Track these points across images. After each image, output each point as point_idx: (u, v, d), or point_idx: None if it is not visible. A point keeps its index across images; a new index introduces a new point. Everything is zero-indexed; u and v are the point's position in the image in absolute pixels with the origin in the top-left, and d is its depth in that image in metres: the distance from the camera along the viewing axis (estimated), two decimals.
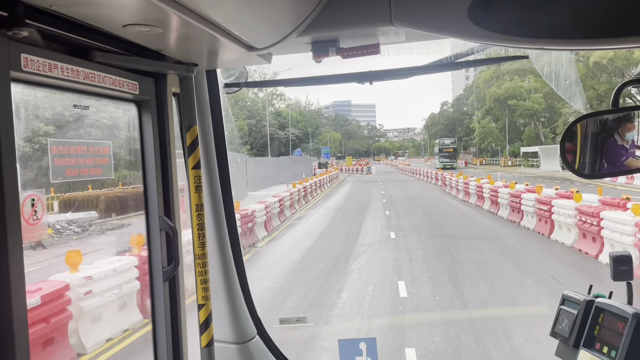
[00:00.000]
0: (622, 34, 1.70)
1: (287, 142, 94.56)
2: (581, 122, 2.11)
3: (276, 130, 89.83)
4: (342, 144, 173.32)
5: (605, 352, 2.22)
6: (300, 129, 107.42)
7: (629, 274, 2.42)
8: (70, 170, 2.15)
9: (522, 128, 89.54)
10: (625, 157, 2.10)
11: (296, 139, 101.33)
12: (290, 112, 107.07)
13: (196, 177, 2.56)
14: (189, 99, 2.52)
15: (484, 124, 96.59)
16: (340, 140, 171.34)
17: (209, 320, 2.61)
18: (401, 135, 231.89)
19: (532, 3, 1.76)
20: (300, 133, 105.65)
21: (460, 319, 10.52)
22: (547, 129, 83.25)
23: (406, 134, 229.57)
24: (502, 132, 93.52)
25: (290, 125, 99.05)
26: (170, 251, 2.41)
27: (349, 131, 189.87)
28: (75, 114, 5.10)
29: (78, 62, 1.81)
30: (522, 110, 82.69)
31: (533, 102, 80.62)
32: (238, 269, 3.02)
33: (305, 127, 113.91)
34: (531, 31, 1.77)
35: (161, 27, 1.77)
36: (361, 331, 10.04)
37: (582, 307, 2.38)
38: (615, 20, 1.70)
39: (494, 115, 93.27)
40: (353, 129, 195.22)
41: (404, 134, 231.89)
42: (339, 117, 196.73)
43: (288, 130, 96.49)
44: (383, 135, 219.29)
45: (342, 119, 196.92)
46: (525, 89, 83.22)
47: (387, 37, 2.19)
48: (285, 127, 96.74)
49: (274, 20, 2.00)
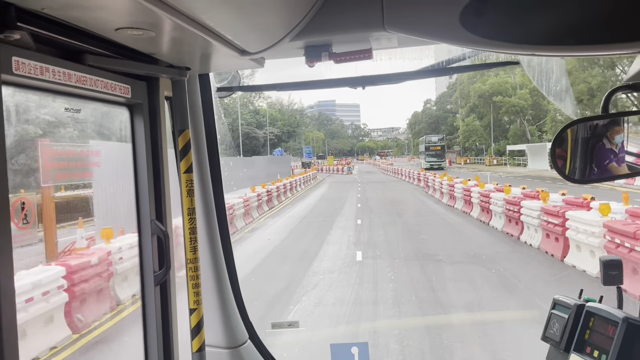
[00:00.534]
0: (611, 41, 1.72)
1: (265, 141, 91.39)
2: (571, 128, 2.13)
3: (254, 129, 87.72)
4: (326, 143, 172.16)
5: (596, 356, 2.24)
6: (279, 127, 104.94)
7: (619, 279, 2.44)
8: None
9: (508, 126, 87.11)
10: (615, 162, 2.12)
11: (275, 138, 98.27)
12: (269, 110, 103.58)
13: (188, 181, 2.56)
14: (182, 103, 2.51)
15: (468, 121, 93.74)
16: (323, 139, 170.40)
17: (201, 324, 2.60)
18: (385, 134, 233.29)
19: (522, 9, 1.78)
20: (279, 132, 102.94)
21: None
22: (534, 126, 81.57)
23: (390, 133, 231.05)
24: (486, 130, 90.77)
25: (268, 123, 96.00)
26: (161, 255, 2.40)
27: (333, 131, 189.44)
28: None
29: (70, 65, 1.81)
30: (507, 107, 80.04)
31: (519, 98, 78.21)
32: (230, 273, 3.01)
33: (285, 125, 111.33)
34: (522, 37, 1.79)
35: (154, 30, 1.77)
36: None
37: (573, 312, 2.40)
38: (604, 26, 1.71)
39: (478, 113, 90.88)
40: (337, 129, 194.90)
41: (388, 133, 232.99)
42: (322, 116, 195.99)
43: (266, 129, 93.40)
44: (367, 134, 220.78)
45: (325, 118, 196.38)
46: (511, 85, 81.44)
47: (380, 42, 2.20)
48: (265, 125, 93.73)
49: (267, 25, 2.00)
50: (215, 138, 2.89)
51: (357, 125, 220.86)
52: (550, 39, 1.76)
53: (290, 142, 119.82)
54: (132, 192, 2.37)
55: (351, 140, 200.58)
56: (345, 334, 9.83)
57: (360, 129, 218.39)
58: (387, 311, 10.91)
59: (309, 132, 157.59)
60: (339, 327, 10.12)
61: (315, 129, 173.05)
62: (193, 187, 2.58)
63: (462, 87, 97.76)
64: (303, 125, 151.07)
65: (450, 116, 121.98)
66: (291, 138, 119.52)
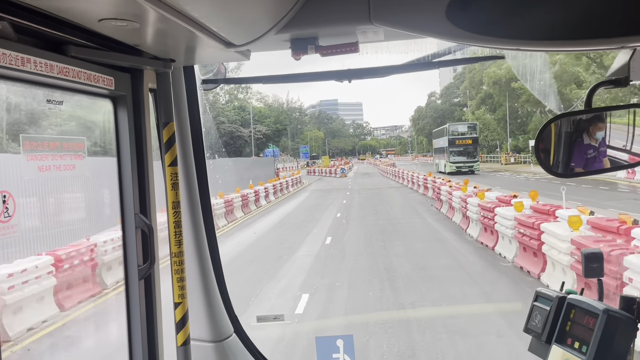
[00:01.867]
0: (595, 36, 1.74)
1: (257, 140, 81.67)
2: (555, 122, 2.16)
3: (238, 128, 78.12)
4: (326, 142, 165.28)
5: (577, 348, 2.27)
6: (267, 125, 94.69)
7: (600, 271, 2.48)
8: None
9: (525, 118, 73.56)
10: (597, 156, 2.15)
11: (263, 137, 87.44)
12: (257, 106, 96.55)
13: (173, 174, 2.54)
14: (166, 95, 2.49)
15: (479, 115, 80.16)
16: (323, 138, 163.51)
17: (185, 318, 2.59)
18: (388, 133, 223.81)
19: (508, 4, 1.79)
20: (267, 130, 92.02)
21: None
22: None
23: (393, 131, 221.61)
24: (500, 123, 77.33)
25: (254, 121, 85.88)
26: (146, 249, 2.39)
27: (334, 129, 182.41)
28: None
29: (52, 56, 1.78)
30: (528, 94, 60.97)
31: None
32: (215, 267, 3.00)
33: (274, 123, 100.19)
34: (507, 32, 1.80)
35: (138, 22, 1.75)
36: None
37: (555, 304, 2.43)
38: (588, 22, 1.74)
39: (490, 105, 78.01)
40: (337, 127, 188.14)
41: (391, 131, 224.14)
42: (322, 114, 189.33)
43: (255, 127, 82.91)
44: (369, 133, 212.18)
45: (325, 116, 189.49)
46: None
47: (366, 35, 2.20)
48: (252, 123, 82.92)
49: (253, 17, 1.99)
50: (200, 131, 2.87)
51: (359, 124, 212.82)
52: (535, 34, 1.78)
53: (283, 140, 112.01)
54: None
55: (353, 139, 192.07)
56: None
57: (362, 128, 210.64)
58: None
59: (308, 131, 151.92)
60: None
61: (315, 128, 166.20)
62: (178, 181, 2.57)
63: (472, 75, 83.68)
64: (301, 124, 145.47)
65: (458, 109, 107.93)
66: (282, 137, 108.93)
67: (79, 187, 15.22)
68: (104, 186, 15.95)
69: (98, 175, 12.67)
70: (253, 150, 77.76)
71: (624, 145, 2.22)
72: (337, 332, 9.48)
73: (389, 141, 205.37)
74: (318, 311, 11.43)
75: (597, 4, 1.73)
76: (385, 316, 10.95)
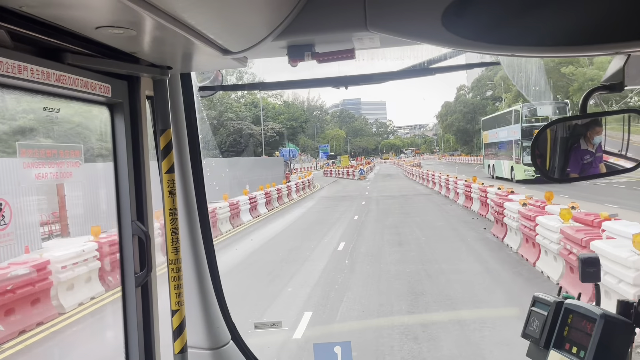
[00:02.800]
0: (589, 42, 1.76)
1: (270, 138, 73.42)
2: (551, 128, 2.17)
3: (249, 125, 69.63)
4: (348, 141, 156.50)
5: (575, 353, 2.27)
6: (282, 122, 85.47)
7: (597, 276, 2.48)
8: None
9: (573, 110, 56.25)
10: (593, 161, 2.16)
11: (276, 135, 77.63)
12: (272, 102, 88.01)
13: (170, 181, 2.54)
14: (163, 102, 2.49)
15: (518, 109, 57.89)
16: (344, 137, 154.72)
17: (183, 326, 2.58)
18: (412, 131, 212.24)
19: (503, 11, 1.81)
20: (281, 127, 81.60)
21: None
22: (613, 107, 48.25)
23: (417, 130, 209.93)
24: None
25: (265, 118, 77.96)
26: (143, 256, 2.38)
27: (356, 128, 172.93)
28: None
29: (49, 64, 1.78)
30: (582, 81, 51.99)
31: (598, 67, 49.54)
32: (212, 274, 2.99)
33: (289, 120, 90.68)
34: (503, 38, 1.82)
35: (134, 29, 1.75)
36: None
37: (552, 309, 2.43)
38: (583, 28, 1.75)
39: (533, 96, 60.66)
40: (360, 126, 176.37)
41: (415, 130, 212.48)
42: (344, 113, 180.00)
43: (267, 125, 74.91)
44: (393, 132, 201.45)
45: (347, 115, 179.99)
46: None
47: (362, 42, 2.21)
48: (264, 120, 74.71)
49: (249, 24, 2.00)
50: (197, 138, 2.87)
51: (382, 122, 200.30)
52: (530, 40, 1.79)
53: (302, 139, 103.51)
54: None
55: (375, 138, 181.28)
56: None
57: (385, 126, 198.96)
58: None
59: (329, 130, 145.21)
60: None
61: (337, 127, 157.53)
62: (175, 188, 2.56)
63: (509, 62, 64.91)
64: (322, 122, 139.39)
65: (491, 104, 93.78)
66: (298, 134, 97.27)
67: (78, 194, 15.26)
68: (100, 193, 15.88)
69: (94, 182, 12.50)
70: (263, 149, 67.82)
71: (620, 150, 2.23)
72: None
73: (413, 140, 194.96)
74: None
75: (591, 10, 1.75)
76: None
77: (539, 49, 1.83)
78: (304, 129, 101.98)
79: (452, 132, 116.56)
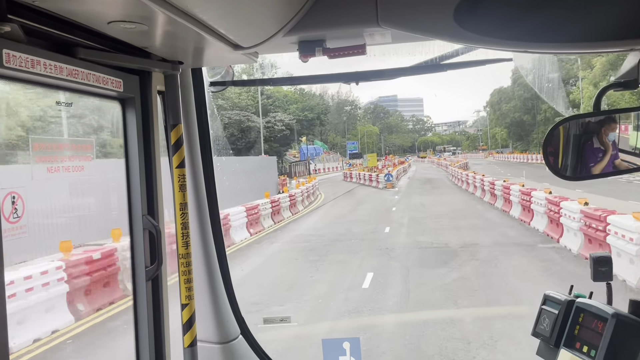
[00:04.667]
0: (603, 38, 1.74)
1: (278, 133, 59.84)
2: (563, 125, 2.15)
3: (249, 116, 56.10)
4: (382, 138, 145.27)
5: (585, 352, 2.26)
6: (293, 113, 69.44)
7: (609, 275, 2.46)
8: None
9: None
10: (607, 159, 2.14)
11: (285, 129, 62.16)
12: (283, 90, 72.20)
13: (180, 175, 2.55)
14: (174, 97, 2.50)
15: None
16: (378, 134, 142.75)
17: (192, 320, 2.59)
18: (451, 128, 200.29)
19: (515, 7, 1.79)
20: (292, 120, 65.63)
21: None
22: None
23: (456, 127, 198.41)
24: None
25: (274, 108, 65.07)
26: (153, 250, 2.39)
27: (391, 124, 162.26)
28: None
29: (61, 58, 1.79)
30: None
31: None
32: (222, 268, 3.00)
33: (302, 110, 74.45)
34: (515, 34, 1.80)
35: (146, 24, 1.76)
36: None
37: (563, 307, 2.41)
38: (596, 24, 1.73)
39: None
40: (395, 122, 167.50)
41: (453, 127, 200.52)
42: (378, 108, 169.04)
43: (275, 116, 61.30)
44: (430, 128, 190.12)
45: (382, 110, 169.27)
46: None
47: (373, 38, 2.20)
48: (273, 110, 60.56)
49: (261, 20, 2.00)
50: (208, 133, 2.88)
51: (419, 118, 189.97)
52: (543, 36, 1.77)
53: (328, 133, 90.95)
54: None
55: (412, 135, 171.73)
56: None
57: (422, 122, 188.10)
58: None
59: (362, 126, 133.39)
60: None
61: (370, 123, 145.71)
62: (185, 182, 2.57)
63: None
64: (353, 118, 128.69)
65: (543, 104, 76.30)
66: (314, 128, 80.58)
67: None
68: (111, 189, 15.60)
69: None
70: (262, 146, 55.06)
71: (634, 148, 2.21)
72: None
73: (452, 136, 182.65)
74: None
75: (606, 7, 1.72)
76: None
77: (553, 46, 1.82)
78: (322, 122, 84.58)
79: (505, 125, 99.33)
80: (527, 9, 1.78)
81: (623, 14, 1.71)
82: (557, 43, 1.79)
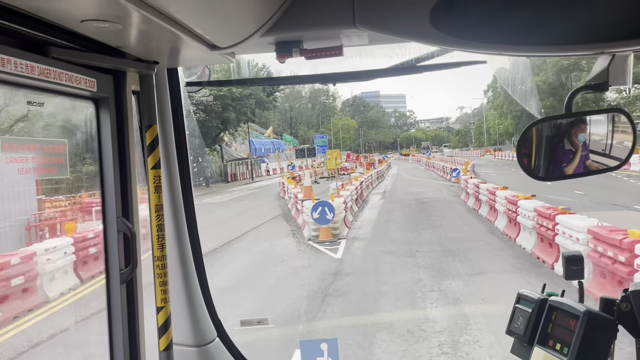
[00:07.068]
0: (576, 42, 1.77)
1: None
2: (536, 127, 2.19)
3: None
4: (361, 134, 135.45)
5: (558, 349, 2.30)
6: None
7: (580, 273, 2.51)
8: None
9: None
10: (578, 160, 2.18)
11: (204, 115, 43.56)
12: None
13: (156, 177, 2.52)
14: (149, 98, 2.47)
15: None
16: (356, 128, 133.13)
17: (168, 322, 2.56)
18: (434, 125, 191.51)
19: (491, 10, 1.82)
20: (209, 99, 45.36)
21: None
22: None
23: (440, 123, 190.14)
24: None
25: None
26: (128, 253, 2.36)
27: (371, 119, 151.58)
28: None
29: (33, 57, 1.75)
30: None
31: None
32: (198, 270, 2.97)
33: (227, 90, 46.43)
34: (488, 37, 1.83)
35: (121, 23, 1.73)
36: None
37: (536, 306, 2.45)
38: (569, 28, 1.77)
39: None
40: (376, 116, 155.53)
41: (437, 123, 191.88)
42: (358, 101, 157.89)
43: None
44: (414, 124, 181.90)
45: (362, 103, 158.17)
46: None
47: (350, 39, 2.21)
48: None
49: (237, 20, 1.99)
50: (184, 133, 2.86)
51: (402, 113, 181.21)
52: (516, 39, 1.80)
53: (300, 128, 76.53)
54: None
55: (394, 131, 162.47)
56: None
57: (405, 117, 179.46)
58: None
59: (338, 120, 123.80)
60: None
61: (349, 116, 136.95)
62: (161, 184, 2.55)
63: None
64: (329, 110, 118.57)
65: (576, 73, 59.90)
66: (245, 111, 52.54)
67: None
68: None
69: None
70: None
71: (604, 150, 2.26)
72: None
73: (437, 132, 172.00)
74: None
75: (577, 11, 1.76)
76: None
77: (526, 49, 1.85)
78: (262, 103, 56.72)
79: (516, 113, 78.08)
80: (502, 12, 1.81)
81: (593, 18, 1.75)
82: (530, 46, 1.83)
